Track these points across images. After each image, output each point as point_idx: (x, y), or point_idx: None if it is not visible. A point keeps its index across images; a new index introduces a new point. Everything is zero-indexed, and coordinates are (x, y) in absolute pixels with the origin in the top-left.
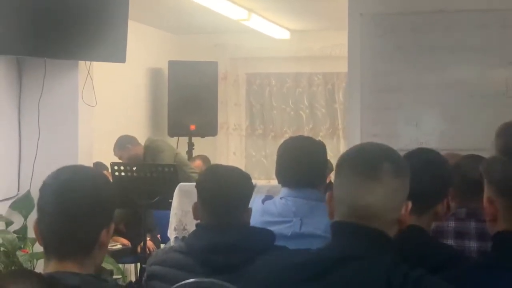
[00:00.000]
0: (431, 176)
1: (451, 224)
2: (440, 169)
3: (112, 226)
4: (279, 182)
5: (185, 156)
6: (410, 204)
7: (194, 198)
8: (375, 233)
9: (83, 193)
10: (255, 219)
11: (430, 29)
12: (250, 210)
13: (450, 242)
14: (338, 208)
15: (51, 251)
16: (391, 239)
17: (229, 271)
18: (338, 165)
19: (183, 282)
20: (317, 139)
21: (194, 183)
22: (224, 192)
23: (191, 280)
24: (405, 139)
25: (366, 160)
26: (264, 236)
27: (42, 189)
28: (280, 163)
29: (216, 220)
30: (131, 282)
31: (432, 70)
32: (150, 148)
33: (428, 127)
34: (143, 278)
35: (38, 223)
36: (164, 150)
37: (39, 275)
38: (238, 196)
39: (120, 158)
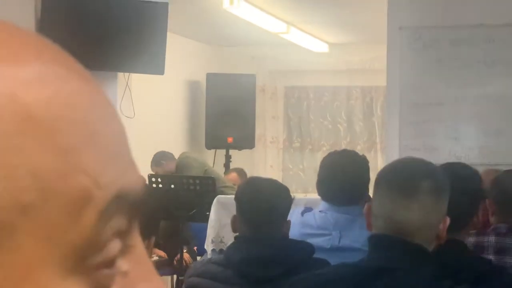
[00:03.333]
0: (461, 190)
1: (492, 239)
2: (470, 183)
3: (153, 239)
4: (319, 195)
5: (217, 171)
6: (448, 220)
7: (232, 211)
8: (413, 246)
9: None
10: (295, 231)
11: (470, 43)
12: (289, 223)
13: (490, 257)
14: (376, 222)
15: None
16: (429, 253)
17: (267, 283)
18: (377, 180)
19: None
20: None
21: (232, 196)
22: (263, 204)
23: None
24: (444, 154)
25: (405, 177)
26: (303, 249)
27: None
28: (322, 177)
29: (255, 233)
30: None
31: (472, 84)
32: (180, 165)
33: (468, 142)
34: None
35: None
36: (192, 167)
37: None
38: (277, 208)
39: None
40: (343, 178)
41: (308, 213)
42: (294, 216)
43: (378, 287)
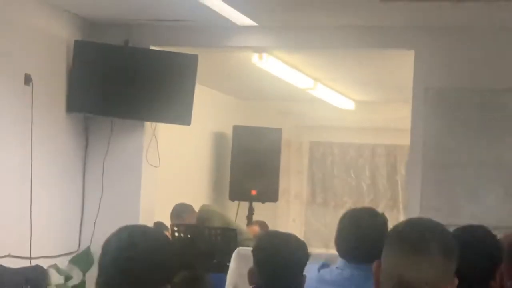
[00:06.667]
0: (479, 253)
1: None
2: (488, 246)
3: (169, 287)
4: (337, 251)
5: (239, 224)
6: (456, 281)
7: (252, 263)
8: None
9: (141, 252)
10: (311, 287)
11: (495, 106)
12: (304, 277)
13: None
14: (384, 280)
15: None
16: None
17: None
18: (388, 237)
19: None
20: (379, 211)
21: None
22: (280, 258)
23: None
24: (465, 215)
25: (415, 238)
26: None
27: (104, 246)
28: (340, 233)
29: (271, 286)
30: None
31: (495, 147)
32: (200, 218)
33: (489, 204)
34: None
35: (98, 279)
36: (213, 221)
37: None
38: (294, 263)
39: None
40: (360, 236)
41: (324, 269)
42: (311, 271)
43: None
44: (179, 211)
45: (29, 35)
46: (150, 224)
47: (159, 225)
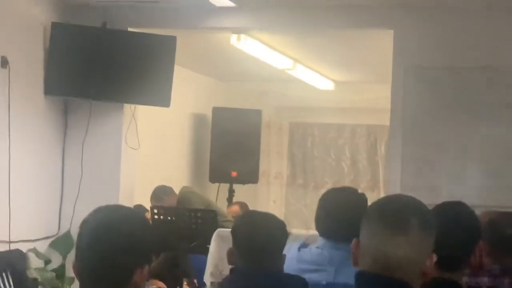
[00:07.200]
0: (459, 229)
1: (485, 280)
2: (467, 222)
3: (147, 267)
4: (317, 231)
5: (219, 206)
6: (435, 257)
7: (231, 244)
8: (400, 285)
9: (117, 232)
10: (291, 266)
11: (475, 85)
12: (284, 257)
13: None
14: (363, 257)
15: None
16: None
17: None
18: (366, 215)
19: None
20: (358, 191)
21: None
22: (259, 238)
23: None
24: (444, 194)
25: (394, 214)
26: (297, 283)
27: (81, 227)
28: (320, 213)
29: (250, 266)
30: None
31: (475, 126)
32: (182, 200)
33: (468, 183)
34: None
35: (75, 261)
36: (193, 203)
37: None
38: (273, 243)
39: None
40: (340, 215)
41: (304, 249)
42: (291, 251)
43: None
44: (160, 193)
45: (5, 17)
46: (130, 206)
47: (138, 207)
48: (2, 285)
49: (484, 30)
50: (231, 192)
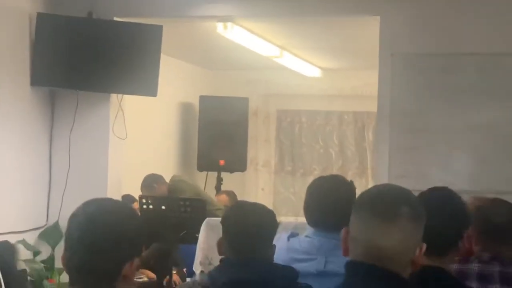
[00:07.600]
0: (446, 215)
1: (475, 266)
2: (455, 209)
3: (137, 260)
4: (306, 220)
5: (208, 194)
6: (424, 246)
7: (221, 233)
8: (390, 275)
9: (106, 226)
10: (281, 256)
11: (461, 71)
12: (274, 247)
13: (473, 285)
14: (353, 247)
15: (75, 282)
16: (406, 281)
17: None
18: (356, 204)
19: None
20: (346, 178)
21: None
22: (249, 229)
23: None
24: (433, 180)
25: (384, 203)
26: (287, 273)
27: (70, 221)
28: (308, 202)
29: (240, 256)
30: None
31: (462, 112)
32: (172, 188)
33: (456, 169)
34: None
35: (64, 254)
36: (184, 192)
37: None
38: (263, 233)
39: None
40: (329, 203)
41: (293, 238)
42: (280, 240)
43: None
44: (150, 181)
45: None
46: (118, 196)
47: (127, 197)
48: None
49: (471, 15)
50: (219, 180)
